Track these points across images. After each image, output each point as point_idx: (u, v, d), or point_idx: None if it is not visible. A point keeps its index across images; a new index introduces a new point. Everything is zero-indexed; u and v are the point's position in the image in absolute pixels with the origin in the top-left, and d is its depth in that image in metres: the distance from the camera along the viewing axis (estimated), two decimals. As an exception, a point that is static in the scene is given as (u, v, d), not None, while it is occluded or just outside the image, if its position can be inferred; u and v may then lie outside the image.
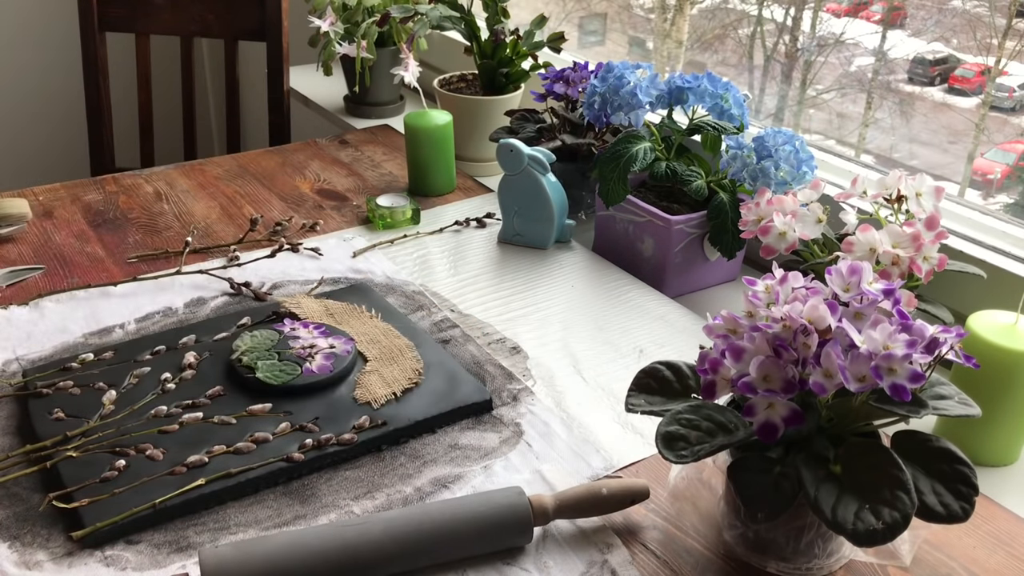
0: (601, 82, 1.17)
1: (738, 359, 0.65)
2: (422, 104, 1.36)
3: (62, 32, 2.34)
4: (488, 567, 0.72)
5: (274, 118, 1.80)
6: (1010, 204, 1.30)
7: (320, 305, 1.01)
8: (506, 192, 1.18)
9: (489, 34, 1.41)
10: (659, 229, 1.09)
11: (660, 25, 1.75)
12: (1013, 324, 0.81)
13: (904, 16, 1.37)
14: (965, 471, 0.63)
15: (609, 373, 0.96)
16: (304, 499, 0.78)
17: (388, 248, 1.20)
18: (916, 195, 0.88)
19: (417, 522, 0.71)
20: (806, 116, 1.50)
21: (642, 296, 1.10)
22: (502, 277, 1.14)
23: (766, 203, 0.93)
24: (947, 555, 0.74)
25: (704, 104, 1.12)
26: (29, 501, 0.76)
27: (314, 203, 1.32)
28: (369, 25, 1.46)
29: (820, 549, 0.70)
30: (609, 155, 1.10)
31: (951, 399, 0.67)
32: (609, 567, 0.72)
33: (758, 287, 0.69)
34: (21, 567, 0.70)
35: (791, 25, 1.53)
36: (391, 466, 0.82)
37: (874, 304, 0.65)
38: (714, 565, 0.73)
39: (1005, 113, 1.27)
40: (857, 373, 0.61)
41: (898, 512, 0.60)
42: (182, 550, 0.72)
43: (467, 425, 0.87)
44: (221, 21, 1.78)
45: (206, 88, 2.81)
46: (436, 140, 1.30)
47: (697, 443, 0.66)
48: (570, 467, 0.82)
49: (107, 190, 1.33)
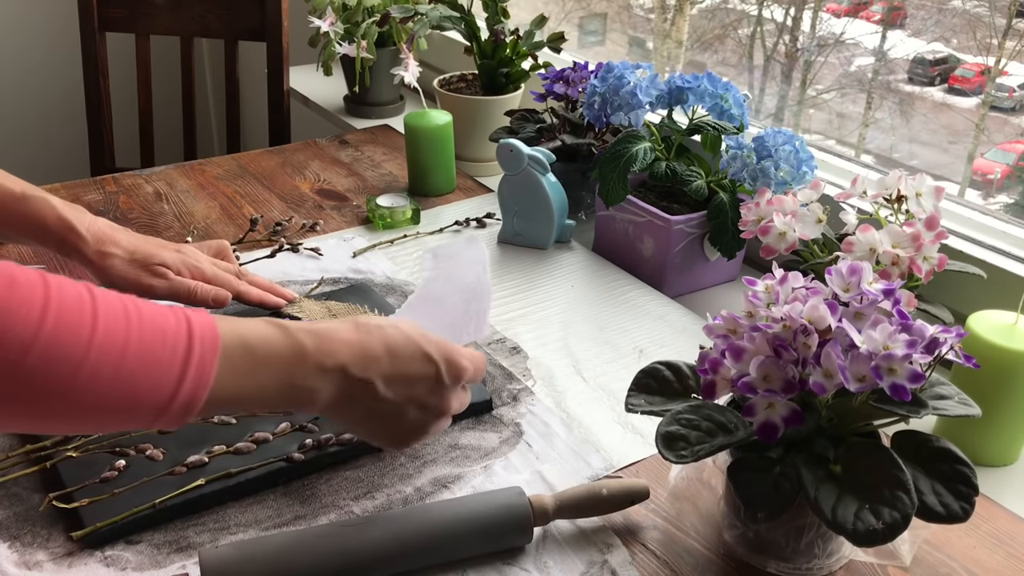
0: (601, 82, 1.17)
1: (738, 359, 0.65)
2: (422, 104, 1.36)
3: (62, 32, 2.34)
4: (488, 567, 0.72)
5: (274, 118, 1.80)
6: (1010, 204, 1.30)
7: (320, 306, 1.01)
8: (506, 192, 1.18)
9: (489, 34, 1.41)
10: (659, 229, 1.09)
11: (660, 25, 1.75)
12: (1013, 324, 0.81)
13: (904, 16, 1.37)
14: (965, 471, 0.63)
15: (609, 373, 0.96)
16: (304, 499, 0.78)
17: (388, 248, 1.20)
18: (916, 195, 0.88)
19: (417, 522, 0.71)
20: (806, 116, 1.50)
21: (642, 296, 1.10)
22: (502, 277, 1.14)
23: (766, 203, 0.93)
24: (947, 555, 0.74)
25: (704, 104, 1.12)
26: (29, 501, 0.76)
27: (314, 203, 1.32)
28: (369, 25, 1.46)
29: (820, 549, 0.70)
30: (609, 155, 1.10)
31: (951, 399, 0.68)
32: (609, 567, 0.72)
33: (758, 287, 0.69)
34: (21, 567, 0.70)
35: (791, 25, 1.53)
36: (391, 466, 0.82)
37: (874, 304, 0.65)
38: (714, 565, 0.73)
39: (1005, 113, 1.27)
40: (857, 373, 0.61)
41: (898, 512, 0.60)
42: (182, 550, 0.72)
43: (467, 425, 0.87)
44: (221, 21, 1.78)
45: (206, 88, 2.81)
46: (436, 140, 1.30)
47: (697, 443, 0.66)
48: (570, 467, 0.82)
49: (107, 190, 1.33)
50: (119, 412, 0.58)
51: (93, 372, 0.55)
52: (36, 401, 0.55)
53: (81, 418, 0.58)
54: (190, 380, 0.59)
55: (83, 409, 0.56)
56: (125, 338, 0.57)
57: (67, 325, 0.55)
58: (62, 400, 0.55)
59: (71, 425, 0.61)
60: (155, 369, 0.58)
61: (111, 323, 0.57)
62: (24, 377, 0.53)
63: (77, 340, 0.55)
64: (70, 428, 0.64)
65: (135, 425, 0.60)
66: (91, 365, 0.55)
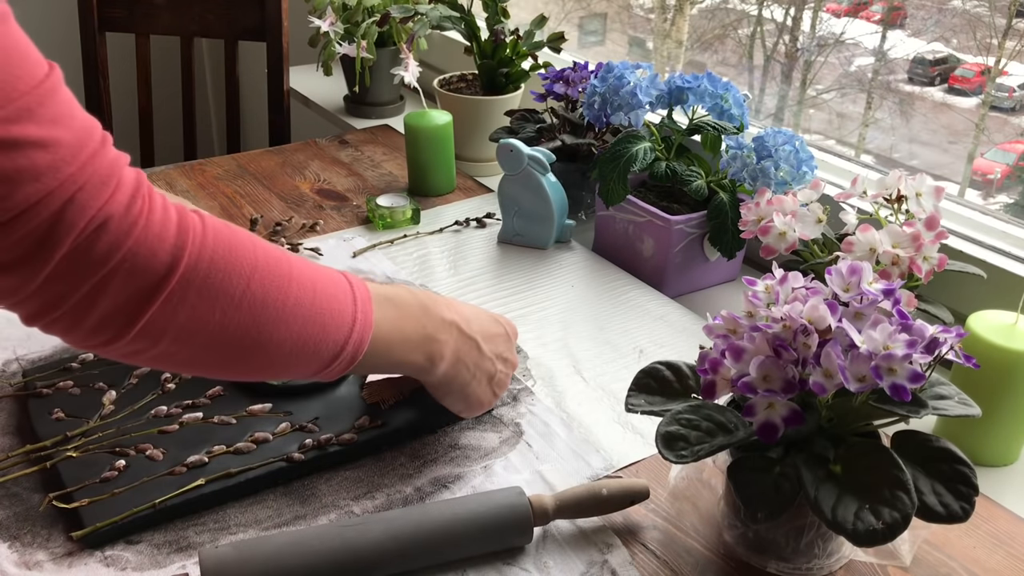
0: (601, 82, 1.17)
1: (738, 359, 0.65)
2: (422, 104, 1.36)
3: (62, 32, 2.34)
4: (488, 567, 0.72)
5: (274, 118, 1.80)
6: (1010, 204, 1.30)
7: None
8: (506, 192, 1.18)
9: (489, 34, 1.41)
10: (659, 229, 1.09)
11: (660, 25, 1.75)
12: (1013, 324, 0.81)
13: (904, 16, 1.37)
14: (965, 471, 0.63)
15: (609, 373, 0.96)
16: (304, 499, 0.78)
17: (388, 248, 1.20)
18: (916, 195, 0.88)
19: (417, 522, 0.71)
20: (806, 116, 1.50)
21: (642, 296, 1.10)
22: (502, 277, 1.14)
23: (766, 203, 0.93)
24: (947, 555, 0.74)
25: (704, 104, 1.12)
26: (29, 501, 0.76)
27: (314, 203, 1.31)
28: (369, 25, 1.46)
29: (820, 549, 0.70)
30: (609, 155, 1.10)
31: (951, 399, 0.67)
32: (609, 567, 0.72)
33: (758, 287, 0.69)
34: (21, 567, 0.70)
35: (791, 25, 1.53)
36: (391, 466, 0.82)
37: (874, 304, 0.65)
38: (714, 565, 0.73)
39: (1005, 113, 1.27)
40: (857, 373, 0.61)
41: (898, 512, 0.60)
42: (182, 550, 0.72)
43: (467, 425, 0.87)
44: (221, 21, 1.78)
45: (206, 88, 2.81)
46: (436, 140, 1.30)
47: (697, 443, 0.66)
48: (570, 467, 0.82)
49: (107, 190, 1.33)
50: (311, 345, 0.63)
51: (296, 301, 0.62)
52: (260, 326, 0.60)
53: (285, 353, 0.63)
54: (359, 321, 0.66)
55: (289, 339, 0.62)
56: (313, 275, 0.64)
57: (272, 257, 0.62)
58: (276, 327, 0.61)
59: (280, 360, 0.64)
60: (337, 304, 0.65)
61: (298, 261, 0.64)
62: (252, 300, 0.60)
63: (280, 272, 0.62)
64: (279, 365, 0.65)
65: (316, 365, 0.65)
66: (294, 293, 0.62)
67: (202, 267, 0.57)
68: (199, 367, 0.63)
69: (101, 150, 0.54)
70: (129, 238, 0.54)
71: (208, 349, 0.60)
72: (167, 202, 0.58)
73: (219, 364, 0.63)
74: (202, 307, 0.58)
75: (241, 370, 0.64)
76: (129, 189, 0.55)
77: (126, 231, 0.54)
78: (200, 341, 0.59)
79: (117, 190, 0.54)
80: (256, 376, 0.67)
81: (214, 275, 0.58)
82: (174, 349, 0.59)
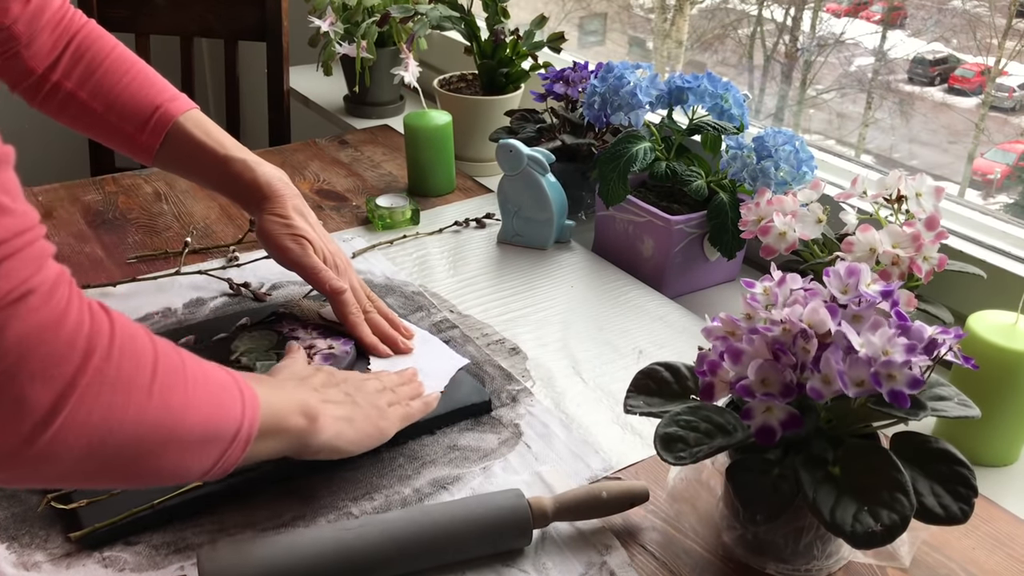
0: (601, 82, 1.17)
1: (736, 361, 0.65)
2: (422, 104, 1.35)
3: (62, 32, 2.34)
4: (487, 569, 0.72)
5: (274, 118, 1.80)
6: (1010, 204, 1.30)
7: (318, 306, 1.01)
8: (506, 192, 1.18)
9: (489, 34, 1.41)
10: (659, 229, 1.09)
11: (660, 25, 1.75)
12: (1013, 324, 0.81)
13: (904, 16, 1.36)
14: (964, 472, 0.63)
15: (608, 374, 0.96)
16: (302, 500, 0.78)
17: (387, 249, 1.20)
18: (916, 195, 0.88)
19: (416, 524, 0.71)
20: (806, 116, 1.50)
21: (642, 296, 1.10)
22: (502, 278, 1.14)
23: (766, 203, 0.93)
24: (946, 556, 0.74)
25: (704, 104, 1.12)
26: (28, 502, 0.76)
27: (314, 203, 1.31)
28: (369, 25, 1.46)
29: (819, 550, 0.69)
30: (609, 155, 1.10)
31: (950, 400, 0.67)
32: (608, 568, 0.72)
33: (756, 289, 0.68)
34: (19, 568, 0.70)
35: (791, 25, 1.53)
36: (390, 467, 0.82)
37: (872, 306, 0.65)
38: (713, 566, 0.73)
39: (1005, 113, 1.27)
40: (856, 378, 0.61)
41: (897, 514, 0.60)
42: (180, 551, 0.72)
43: (466, 426, 0.87)
44: (221, 21, 1.78)
45: (206, 88, 2.81)
46: (436, 140, 1.30)
47: (696, 444, 0.66)
48: (569, 468, 0.82)
49: (106, 190, 1.33)
50: (213, 425, 0.61)
51: (194, 384, 0.60)
52: (172, 412, 0.58)
53: (196, 438, 0.60)
54: (245, 388, 0.65)
55: (199, 423, 0.60)
56: (193, 359, 0.62)
57: (163, 345, 0.60)
58: (185, 412, 0.59)
59: (193, 447, 0.61)
60: (219, 380, 0.64)
61: (182, 350, 0.62)
62: (160, 388, 0.57)
63: (174, 360, 0.60)
64: (190, 454, 0.61)
65: (214, 453, 0.62)
66: (191, 376, 0.60)
67: (114, 357, 0.55)
68: (108, 474, 0.59)
69: (40, 231, 0.53)
70: (47, 321, 0.52)
71: (123, 448, 0.56)
72: (83, 296, 0.56)
73: (132, 464, 0.58)
74: (117, 400, 0.55)
75: (152, 468, 0.59)
76: (53, 274, 0.53)
77: (45, 314, 0.52)
78: (116, 440, 0.55)
79: (44, 269, 0.52)
80: (162, 477, 0.62)
81: (124, 366, 0.55)
82: (87, 455, 0.54)
